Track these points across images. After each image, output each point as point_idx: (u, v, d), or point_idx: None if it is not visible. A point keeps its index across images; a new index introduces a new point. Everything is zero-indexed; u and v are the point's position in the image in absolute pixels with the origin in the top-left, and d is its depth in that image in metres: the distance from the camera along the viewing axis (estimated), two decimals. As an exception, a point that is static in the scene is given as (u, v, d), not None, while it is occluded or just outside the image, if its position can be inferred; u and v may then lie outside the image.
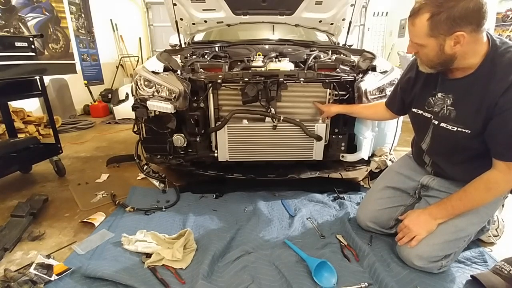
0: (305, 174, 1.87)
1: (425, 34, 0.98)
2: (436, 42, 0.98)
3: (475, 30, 0.94)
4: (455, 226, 1.16)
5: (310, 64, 1.90)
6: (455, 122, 1.09)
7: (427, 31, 0.97)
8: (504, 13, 4.10)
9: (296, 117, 1.77)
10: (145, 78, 1.73)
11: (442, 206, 1.17)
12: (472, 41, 0.96)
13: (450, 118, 1.10)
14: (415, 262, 1.18)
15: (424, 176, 1.35)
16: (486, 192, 1.09)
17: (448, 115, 1.11)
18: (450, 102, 1.10)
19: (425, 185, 1.34)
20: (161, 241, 1.40)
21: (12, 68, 1.81)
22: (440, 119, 1.14)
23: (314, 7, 2.29)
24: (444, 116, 1.13)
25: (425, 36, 0.99)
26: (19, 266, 1.27)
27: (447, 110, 1.11)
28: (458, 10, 0.91)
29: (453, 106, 1.09)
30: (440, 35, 0.96)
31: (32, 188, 2.10)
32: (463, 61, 1.01)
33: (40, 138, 3.19)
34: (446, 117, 1.12)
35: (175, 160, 1.89)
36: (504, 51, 0.98)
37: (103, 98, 5.19)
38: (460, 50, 0.97)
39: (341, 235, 1.45)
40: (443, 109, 1.12)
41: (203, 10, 2.36)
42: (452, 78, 1.10)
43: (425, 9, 0.95)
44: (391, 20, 6.94)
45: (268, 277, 1.19)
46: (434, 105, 1.16)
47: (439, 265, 1.17)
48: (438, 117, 1.15)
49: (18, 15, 3.69)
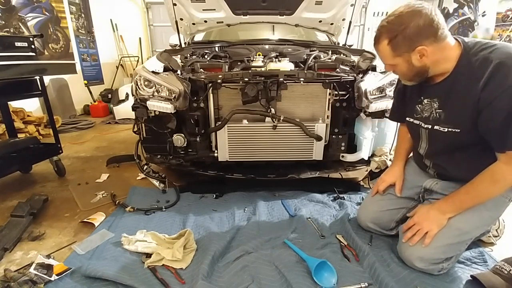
0: (305, 174, 1.87)
1: (391, 56, 1.08)
2: (403, 59, 1.07)
3: (435, 41, 1.01)
4: (459, 230, 1.15)
5: (310, 64, 1.89)
6: (445, 123, 1.12)
7: (391, 53, 1.07)
8: (504, 13, 4.09)
9: (296, 117, 1.77)
10: (145, 78, 1.73)
11: (450, 201, 1.17)
12: (437, 49, 1.03)
13: (441, 120, 1.14)
14: (416, 263, 1.18)
15: (427, 180, 1.34)
16: (493, 185, 1.08)
17: (438, 117, 1.15)
18: (436, 105, 1.15)
19: (428, 189, 1.33)
20: (161, 241, 1.40)
21: (12, 68, 1.81)
22: (432, 123, 1.17)
23: (314, 7, 2.30)
24: (435, 119, 1.16)
25: (392, 57, 1.09)
26: (19, 266, 1.27)
27: (436, 113, 1.15)
28: (411, 30, 1.00)
29: (441, 108, 1.14)
30: (404, 53, 1.05)
31: (32, 188, 2.10)
32: (437, 67, 1.08)
33: (40, 138, 3.19)
34: (437, 120, 1.15)
35: (175, 160, 1.89)
36: (477, 50, 1.03)
37: (103, 98, 5.19)
38: (429, 60, 1.05)
39: (341, 235, 1.46)
40: (432, 113, 1.17)
41: (203, 10, 2.36)
42: (433, 83, 1.15)
43: (383, 36, 1.06)
44: (391, 20, 6.93)
45: (268, 277, 1.19)
46: (422, 111, 1.21)
47: (440, 267, 1.17)
48: (429, 121, 1.18)
49: (18, 15, 3.69)
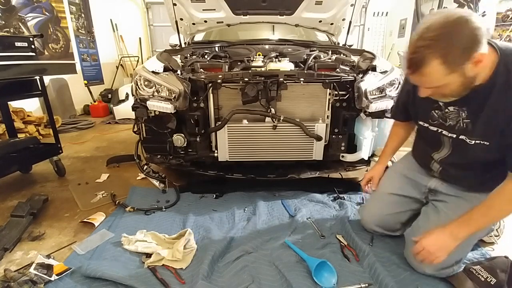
0: (305, 174, 1.87)
1: (444, 75, 0.91)
2: (459, 74, 0.91)
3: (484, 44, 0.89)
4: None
5: (310, 64, 1.89)
6: (473, 135, 1.05)
7: (445, 71, 0.90)
8: (504, 13, 4.09)
9: (296, 117, 1.77)
10: (145, 78, 1.73)
11: (465, 224, 1.06)
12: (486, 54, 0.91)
13: (468, 130, 1.06)
14: (427, 270, 1.17)
15: (431, 179, 1.30)
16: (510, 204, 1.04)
17: (466, 127, 1.07)
18: (465, 115, 1.06)
19: (433, 189, 1.30)
20: (161, 241, 1.40)
21: (12, 68, 1.81)
22: (458, 132, 1.10)
23: (314, 7, 2.30)
24: (461, 129, 1.09)
25: (445, 76, 0.91)
26: (19, 266, 1.27)
27: (464, 123, 1.07)
28: (467, 38, 0.86)
29: (469, 119, 1.05)
30: (460, 66, 0.89)
31: (32, 188, 2.10)
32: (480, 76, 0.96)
33: (40, 138, 3.19)
34: (464, 130, 1.08)
35: (175, 160, 1.89)
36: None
37: (103, 98, 5.19)
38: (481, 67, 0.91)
39: (341, 235, 1.46)
40: (459, 122, 1.08)
41: (203, 10, 2.36)
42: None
43: (431, 57, 0.88)
44: (391, 20, 6.92)
45: (268, 277, 1.19)
46: (445, 118, 1.12)
47: (451, 270, 1.16)
48: (455, 130, 1.11)
49: (18, 15, 3.69)
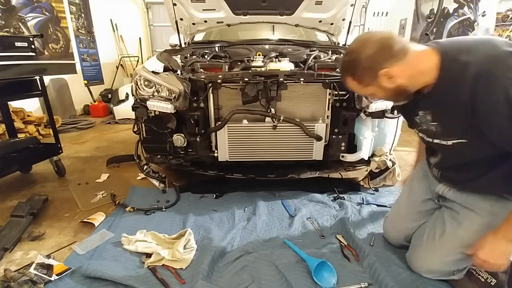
0: (305, 174, 1.87)
1: (361, 87, 1.05)
2: (375, 87, 1.01)
3: (396, 60, 0.93)
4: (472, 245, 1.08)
5: (310, 64, 1.89)
6: (445, 136, 1.04)
7: (360, 85, 1.04)
8: (504, 13, 4.08)
9: (296, 117, 1.77)
10: (145, 78, 1.73)
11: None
12: (404, 66, 0.94)
13: (437, 133, 1.06)
14: (425, 275, 1.17)
15: (438, 185, 1.27)
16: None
17: (435, 130, 1.06)
18: (430, 118, 1.06)
19: (441, 195, 1.27)
20: (161, 241, 1.40)
21: (12, 68, 1.81)
22: (432, 136, 1.10)
23: (314, 7, 2.29)
24: (432, 133, 1.08)
25: (363, 88, 1.05)
26: (19, 266, 1.27)
27: (432, 126, 1.07)
28: (366, 62, 0.95)
29: (435, 121, 1.05)
30: (371, 81, 1.00)
31: (32, 188, 2.10)
32: (416, 82, 0.98)
33: (40, 138, 3.19)
34: (434, 133, 1.07)
35: (175, 160, 1.89)
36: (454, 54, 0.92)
37: (103, 98, 5.19)
38: (401, 79, 0.96)
39: (341, 235, 1.46)
40: (429, 126, 1.07)
41: (203, 10, 2.36)
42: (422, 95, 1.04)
43: (345, 74, 1.05)
44: (391, 20, 6.91)
45: (268, 277, 1.19)
46: (421, 123, 1.12)
47: (450, 277, 1.14)
48: (430, 134, 1.11)
49: (18, 15, 3.69)
